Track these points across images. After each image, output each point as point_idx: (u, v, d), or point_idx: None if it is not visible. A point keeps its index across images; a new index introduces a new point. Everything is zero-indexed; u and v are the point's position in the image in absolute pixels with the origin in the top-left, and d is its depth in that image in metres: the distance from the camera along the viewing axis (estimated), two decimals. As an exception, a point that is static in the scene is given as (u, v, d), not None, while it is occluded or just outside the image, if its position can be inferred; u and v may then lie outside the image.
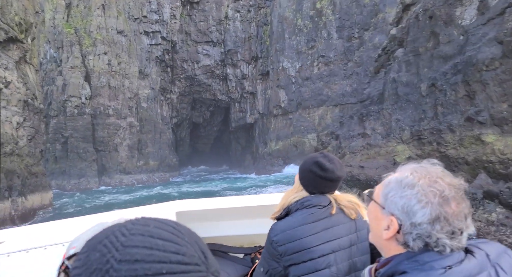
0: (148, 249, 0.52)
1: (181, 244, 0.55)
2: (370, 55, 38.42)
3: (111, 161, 41.46)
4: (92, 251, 0.54)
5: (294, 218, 1.62)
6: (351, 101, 39.45)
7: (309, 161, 1.70)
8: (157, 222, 0.58)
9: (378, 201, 1.01)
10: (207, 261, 0.56)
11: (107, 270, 0.50)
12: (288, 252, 1.55)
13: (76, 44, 40.89)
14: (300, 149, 42.59)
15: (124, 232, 0.55)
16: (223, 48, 51.71)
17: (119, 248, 0.52)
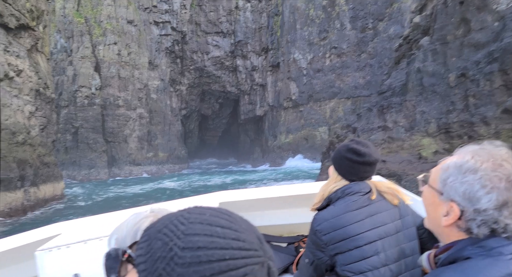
0: (209, 236, 0.54)
1: (240, 231, 0.57)
2: (385, 47, 37.60)
3: (120, 152, 41.36)
4: (154, 240, 0.56)
5: (337, 207, 1.60)
6: (364, 94, 38.73)
7: (342, 149, 1.68)
8: (212, 211, 0.60)
9: (436, 187, 0.97)
10: (263, 246, 0.58)
11: (171, 257, 0.53)
12: (333, 241, 1.53)
13: (86, 34, 40.58)
14: (311, 142, 42.06)
15: (183, 220, 0.57)
16: (233, 39, 51.04)
17: (180, 236, 0.54)
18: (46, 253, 1.88)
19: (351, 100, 39.87)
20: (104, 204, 21.67)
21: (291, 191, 2.91)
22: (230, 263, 0.52)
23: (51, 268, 1.87)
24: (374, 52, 38.63)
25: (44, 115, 20.73)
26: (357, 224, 1.54)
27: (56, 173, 21.47)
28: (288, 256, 2.60)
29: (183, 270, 0.51)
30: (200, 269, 0.51)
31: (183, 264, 0.52)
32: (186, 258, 0.52)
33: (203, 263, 0.52)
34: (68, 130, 38.65)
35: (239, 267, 0.53)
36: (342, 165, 1.67)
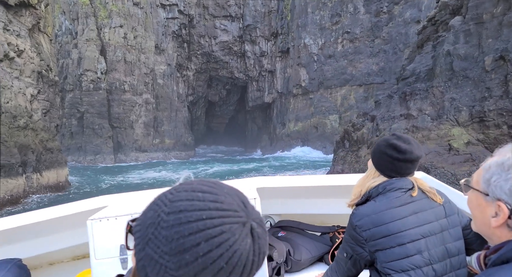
0: (190, 201, 0.60)
1: (219, 194, 0.62)
2: (400, 32, 36.10)
3: (126, 138, 40.69)
4: (148, 211, 0.64)
5: (378, 202, 1.55)
6: (377, 81, 37.41)
7: (382, 144, 1.61)
8: (200, 180, 0.66)
9: (479, 188, 0.97)
10: (246, 209, 0.62)
11: (158, 222, 0.59)
12: (374, 237, 1.49)
13: (91, 16, 39.48)
14: (320, 131, 41.01)
15: (172, 191, 0.64)
16: (241, 24, 49.53)
17: (167, 204, 0.61)
18: (97, 222, 2.02)
19: (364, 88, 38.57)
20: (110, 189, 21.09)
21: (325, 181, 2.95)
22: (207, 222, 0.57)
23: (100, 237, 2.01)
24: (388, 38, 37.11)
25: (47, 99, 19.92)
26: (400, 221, 1.49)
27: (60, 159, 20.79)
28: (324, 245, 2.57)
29: (167, 232, 0.57)
30: (180, 229, 0.57)
31: (167, 227, 0.58)
32: (169, 221, 0.58)
33: (183, 224, 0.57)
34: (74, 115, 37.98)
35: (216, 226, 0.57)
36: (381, 161, 1.61)
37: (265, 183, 2.79)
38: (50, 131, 20.17)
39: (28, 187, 16.99)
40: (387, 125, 15.35)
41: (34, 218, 2.33)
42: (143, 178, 27.36)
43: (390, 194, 1.56)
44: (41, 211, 2.44)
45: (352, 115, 38.78)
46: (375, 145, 1.67)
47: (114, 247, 2.02)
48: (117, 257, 2.02)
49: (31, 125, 17.57)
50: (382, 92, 37.10)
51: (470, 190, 1.02)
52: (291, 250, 2.51)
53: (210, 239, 0.56)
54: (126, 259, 2.02)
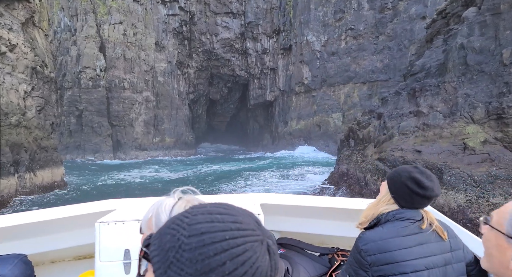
0: (210, 223, 0.61)
1: (237, 215, 0.64)
2: (405, 28, 35.29)
3: (126, 136, 40.08)
4: (164, 235, 0.64)
5: (386, 229, 1.58)
6: (382, 78, 36.63)
7: (404, 175, 1.61)
8: (212, 203, 0.68)
9: (503, 230, 0.97)
10: (261, 228, 0.65)
11: (179, 246, 0.60)
12: (378, 263, 1.52)
13: (90, 12, 38.83)
14: (323, 129, 40.28)
15: (186, 215, 0.65)
16: (243, 20, 48.80)
17: (185, 227, 0.61)
18: (105, 225, 2.06)
19: (368, 85, 37.79)
20: (107, 188, 20.44)
21: (328, 202, 2.96)
22: (231, 242, 0.59)
23: (107, 240, 2.04)
24: (393, 34, 36.30)
25: (42, 96, 19.26)
26: (405, 250, 1.51)
27: (55, 158, 20.13)
28: (322, 266, 2.56)
29: (190, 255, 0.58)
30: (205, 251, 0.58)
31: (190, 249, 0.58)
32: (192, 244, 0.59)
33: (207, 245, 0.58)
34: (72, 113, 37.38)
35: (239, 245, 0.59)
36: (400, 192, 1.62)
37: (268, 199, 2.84)
38: (45, 130, 19.52)
39: (21, 187, 16.35)
40: (395, 123, 14.63)
41: (42, 217, 2.39)
42: (143, 176, 26.75)
43: (399, 223, 1.58)
44: (49, 209, 2.52)
45: (355, 114, 38.01)
46: (395, 173, 1.67)
47: (119, 251, 2.05)
48: (121, 261, 2.05)
49: (24, 123, 16.92)
50: (386, 90, 36.31)
51: (489, 228, 1.01)
52: (289, 268, 2.44)
53: (234, 257, 0.58)
54: (129, 263, 2.05)
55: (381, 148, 14.74)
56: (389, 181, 1.68)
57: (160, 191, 19.85)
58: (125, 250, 2.04)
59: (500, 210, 1.02)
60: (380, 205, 1.69)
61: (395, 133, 14.00)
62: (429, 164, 11.19)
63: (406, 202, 1.62)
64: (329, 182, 19.37)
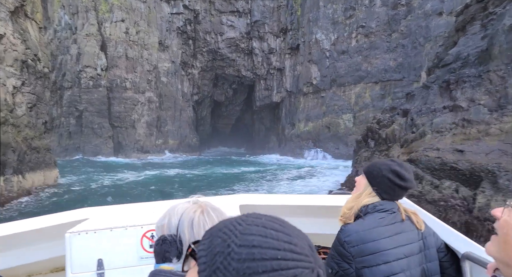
0: (263, 237, 0.59)
1: (292, 236, 0.61)
2: (420, 25, 33.55)
3: (128, 138, 38.58)
4: (215, 237, 0.62)
5: (367, 221, 1.63)
6: (395, 77, 34.85)
7: (384, 168, 1.70)
8: (267, 216, 0.66)
9: None
10: (314, 254, 0.61)
11: (229, 253, 0.58)
12: (361, 254, 1.54)
13: (92, 10, 37.53)
14: (333, 131, 38.50)
15: (241, 222, 0.63)
16: (249, 19, 47.32)
17: (238, 235, 0.59)
18: (75, 235, 2.01)
19: (380, 85, 36.02)
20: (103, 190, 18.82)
21: (308, 201, 2.96)
22: (282, 263, 0.56)
23: (78, 250, 1.99)
24: (407, 31, 34.56)
25: (34, 92, 17.76)
26: (387, 239, 1.56)
27: (48, 159, 18.59)
28: None
29: (238, 265, 0.56)
30: (253, 265, 0.55)
31: (239, 259, 0.56)
32: (241, 254, 0.57)
33: (256, 260, 0.56)
34: (72, 114, 35.95)
35: (290, 268, 0.56)
36: (382, 184, 1.69)
37: (248, 200, 2.83)
38: (37, 129, 17.99)
39: (7, 191, 14.77)
40: (426, 119, 12.89)
41: (12, 229, 2.31)
42: (140, 175, 25.14)
43: (378, 214, 1.64)
44: (20, 222, 2.45)
45: (367, 114, 36.27)
46: (374, 167, 1.74)
47: (92, 261, 2.00)
48: (94, 272, 2.00)
49: (11, 120, 15.38)
50: (400, 90, 34.57)
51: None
52: None
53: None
54: (103, 274, 2.00)
55: (410, 147, 13.01)
56: (368, 175, 1.74)
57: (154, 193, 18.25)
58: (98, 260, 2.00)
59: None
60: (362, 197, 1.73)
61: (427, 131, 12.27)
62: (475, 166, 9.44)
63: (387, 194, 1.68)
64: (346, 186, 17.64)
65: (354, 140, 37.07)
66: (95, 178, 23.95)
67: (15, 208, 14.20)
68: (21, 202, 14.97)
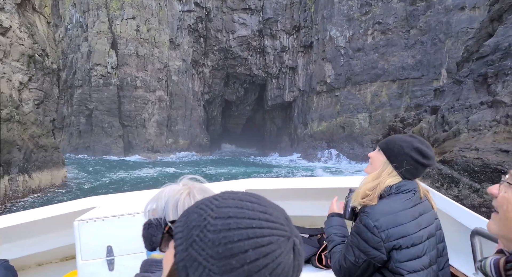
0: (239, 208, 0.60)
1: (267, 206, 0.63)
2: (441, 20, 32.23)
3: (138, 138, 38.02)
4: (191, 213, 0.64)
5: (393, 203, 1.55)
6: (414, 75, 33.57)
7: (406, 146, 1.61)
8: (243, 192, 0.67)
9: None
10: (290, 225, 0.63)
11: (204, 225, 0.59)
12: (392, 238, 1.49)
13: (103, 7, 37.08)
14: (348, 131, 37.32)
15: (217, 197, 0.64)
16: (261, 17, 46.41)
17: (213, 209, 0.61)
18: (84, 223, 2.01)
19: (397, 83, 34.75)
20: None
21: (316, 183, 2.98)
22: (257, 231, 0.58)
23: (87, 238, 2.00)
24: (426, 28, 33.25)
25: (41, 88, 17.12)
26: (414, 222, 1.53)
27: (55, 158, 17.95)
28: (311, 247, 2.56)
29: (214, 236, 0.57)
30: (229, 234, 0.57)
31: (215, 230, 0.58)
32: (217, 226, 0.58)
33: (232, 230, 0.57)
34: (82, 113, 35.53)
35: (264, 235, 0.58)
36: (404, 163, 1.60)
37: (255, 184, 2.84)
38: (44, 126, 17.36)
39: (12, 191, 14.12)
40: (460, 117, 11.80)
41: (22, 219, 2.30)
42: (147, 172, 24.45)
43: (403, 195, 1.58)
44: (29, 211, 2.44)
45: (384, 114, 35.06)
46: (393, 144, 1.64)
47: (101, 248, 2.01)
48: (104, 259, 2.00)
49: (17, 117, 14.74)
50: (419, 88, 33.29)
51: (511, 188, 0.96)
52: None
53: (258, 247, 0.56)
54: (112, 260, 2.00)
55: (443, 147, 11.94)
56: (388, 152, 1.64)
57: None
58: (107, 247, 1.99)
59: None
60: (383, 177, 1.63)
61: (463, 129, 11.18)
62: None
63: (409, 173, 1.60)
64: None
65: (370, 140, 35.96)
66: (106, 176, 23.30)
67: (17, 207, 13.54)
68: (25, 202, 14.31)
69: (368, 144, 35.68)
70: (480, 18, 30.80)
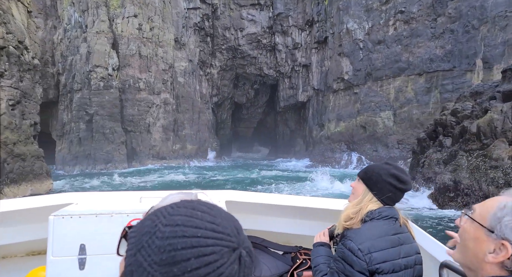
0: (188, 217, 0.62)
1: (217, 217, 0.64)
2: (473, 5, 28.85)
3: (142, 144, 35.34)
4: (147, 219, 0.66)
5: (376, 228, 1.61)
6: (444, 67, 30.19)
7: (383, 173, 1.71)
8: (200, 201, 0.69)
9: (484, 224, 1.00)
10: (239, 236, 0.64)
11: (154, 232, 0.61)
12: (375, 261, 1.53)
13: (102, 6, 34.68)
14: (370, 131, 34.03)
15: (173, 205, 0.67)
16: (271, 12, 43.62)
17: (166, 216, 0.63)
18: (59, 219, 1.97)
19: (425, 77, 31.37)
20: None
21: (295, 201, 2.91)
22: (201, 240, 0.59)
23: (61, 234, 1.95)
24: (456, 14, 29.87)
25: (17, 87, 14.45)
26: (395, 249, 1.57)
27: (37, 169, 15.21)
28: (284, 265, 2.57)
29: (160, 243, 0.59)
30: (174, 242, 0.58)
31: (162, 238, 0.59)
32: (165, 233, 0.60)
33: (177, 238, 0.59)
34: (82, 118, 33.01)
35: (208, 245, 0.59)
36: (384, 189, 1.69)
37: (234, 196, 2.84)
38: (22, 131, 14.64)
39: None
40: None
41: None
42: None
43: (384, 221, 1.63)
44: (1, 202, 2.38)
45: (411, 111, 31.73)
46: (371, 172, 1.74)
47: (74, 245, 1.98)
48: (75, 257, 1.97)
49: (-19, 120, 12.03)
50: (450, 81, 29.83)
51: (470, 221, 1.04)
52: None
53: (200, 256, 0.57)
54: (84, 259, 1.97)
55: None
56: (367, 180, 1.73)
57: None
58: (80, 245, 1.97)
59: (483, 204, 1.04)
60: (364, 203, 1.70)
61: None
62: None
63: (389, 199, 1.68)
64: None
65: (395, 140, 32.60)
66: (110, 184, 20.51)
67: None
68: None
69: (393, 144, 32.36)
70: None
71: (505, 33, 27.34)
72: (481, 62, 28.07)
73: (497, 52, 27.53)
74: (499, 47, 27.33)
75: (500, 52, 27.38)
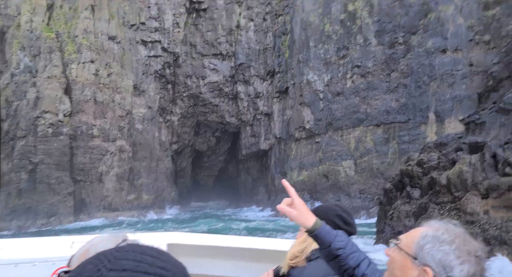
0: (137, 262, 0.57)
1: (168, 263, 0.60)
2: (423, 63, 30.87)
3: (92, 194, 32.50)
4: (88, 264, 0.59)
5: (321, 266, 1.63)
6: (400, 119, 31.33)
7: (330, 213, 1.78)
8: (150, 246, 0.64)
9: (409, 251, 1.06)
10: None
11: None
12: None
13: (56, 51, 33.32)
14: (332, 180, 33.77)
15: (118, 249, 0.61)
16: (233, 62, 44.33)
17: (111, 260, 0.57)
18: None
19: (383, 128, 32.29)
20: None
21: (242, 242, 2.83)
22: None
23: None
24: (408, 70, 31.77)
25: None
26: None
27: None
28: None
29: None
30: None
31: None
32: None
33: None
34: (24, 168, 29.99)
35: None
36: None
37: (177, 239, 2.74)
38: None
39: None
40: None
41: None
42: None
43: None
44: None
45: (370, 161, 32.07)
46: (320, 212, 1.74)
47: None
48: None
49: None
50: (407, 133, 30.91)
51: (397, 250, 1.11)
52: None
53: None
54: None
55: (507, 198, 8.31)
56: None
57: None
58: None
59: (409, 234, 1.11)
60: (309, 241, 1.71)
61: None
62: None
63: None
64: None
65: (357, 189, 32.50)
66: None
67: None
68: None
69: (356, 194, 32.15)
70: (464, 60, 29.76)
71: (453, 90, 29.29)
72: (434, 115, 29.50)
73: (447, 107, 29.23)
74: (448, 102, 29.06)
75: (450, 107, 29.10)
